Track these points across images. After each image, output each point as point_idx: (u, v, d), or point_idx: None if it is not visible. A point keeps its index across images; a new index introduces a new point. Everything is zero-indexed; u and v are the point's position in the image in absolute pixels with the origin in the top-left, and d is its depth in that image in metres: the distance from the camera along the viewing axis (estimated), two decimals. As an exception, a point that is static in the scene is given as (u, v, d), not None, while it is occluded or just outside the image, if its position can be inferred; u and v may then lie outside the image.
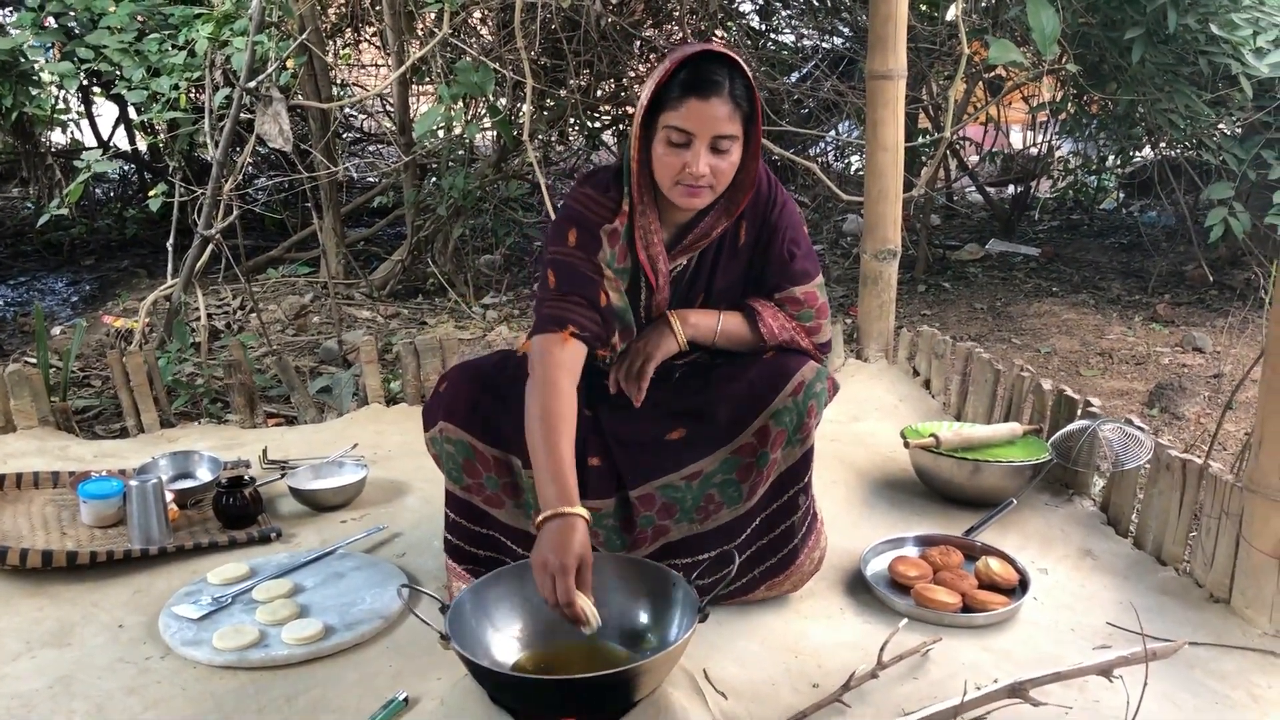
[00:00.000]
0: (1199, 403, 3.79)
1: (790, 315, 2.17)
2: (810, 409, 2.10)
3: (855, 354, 3.89)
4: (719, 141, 1.93)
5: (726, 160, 1.96)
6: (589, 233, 2.06)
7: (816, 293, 2.20)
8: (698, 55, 1.92)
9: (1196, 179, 5.26)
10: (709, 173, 1.94)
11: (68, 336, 4.60)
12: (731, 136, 1.94)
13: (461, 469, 2.14)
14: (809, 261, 2.20)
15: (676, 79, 1.91)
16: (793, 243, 2.17)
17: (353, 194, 6.77)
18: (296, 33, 4.49)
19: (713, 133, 1.92)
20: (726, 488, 2.12)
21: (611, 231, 2.07)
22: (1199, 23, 4.31)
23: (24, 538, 2.55)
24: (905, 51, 3.61)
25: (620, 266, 2.09)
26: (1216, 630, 2.16)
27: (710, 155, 1.94)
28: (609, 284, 2.07)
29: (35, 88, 4.70)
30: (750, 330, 2.16)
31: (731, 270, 2.17)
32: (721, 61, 1.92)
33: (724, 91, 1.90)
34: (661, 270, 2.11)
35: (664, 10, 5.48)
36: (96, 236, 6.70)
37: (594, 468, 2.11)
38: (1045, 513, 2.72)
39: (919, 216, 5.80)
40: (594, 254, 2.05)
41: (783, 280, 2.16)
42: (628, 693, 1.80)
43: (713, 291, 2.17)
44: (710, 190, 1.98)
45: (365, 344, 3.64)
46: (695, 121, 1.90)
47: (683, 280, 2.17)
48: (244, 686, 2.00)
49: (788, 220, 2.17)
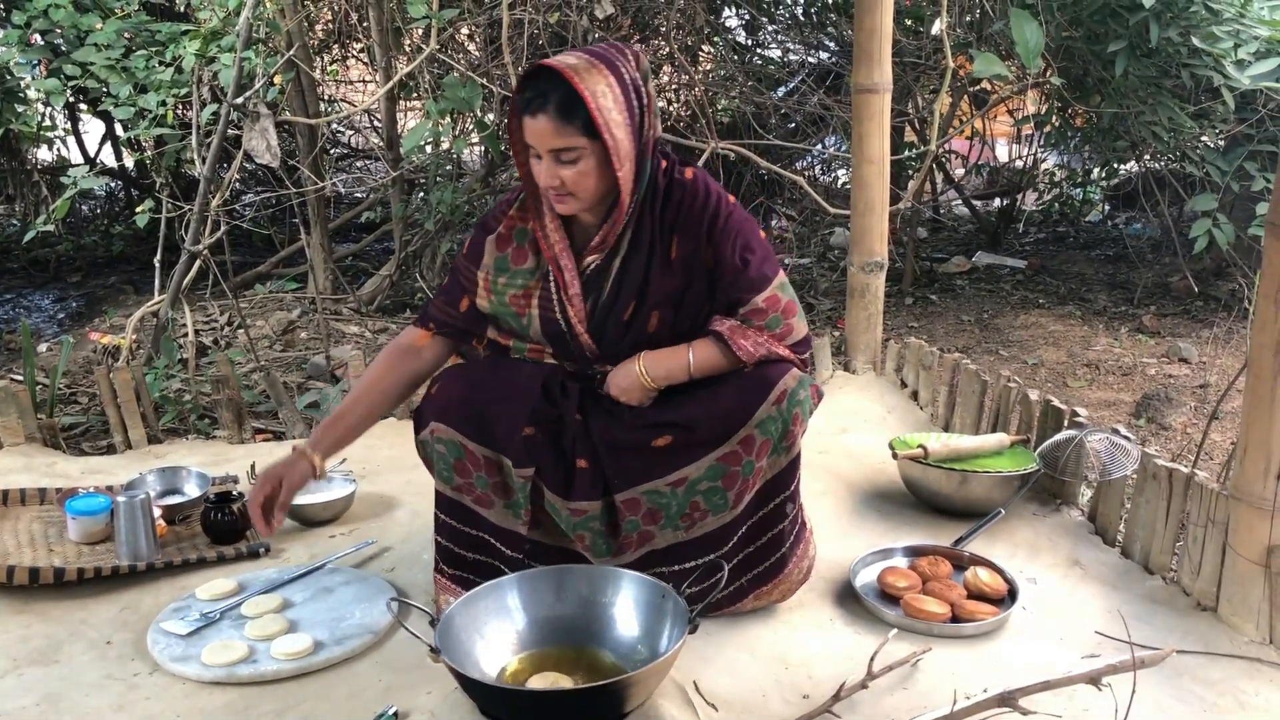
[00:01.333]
0: (1185, 412, 3.81)
1: (759, 328, 2.14)
2: (795, 417, 2.11)
3: (843, 366, 3.90)
4: (560, 154, 1.98)
5: (573, 170, 1.99)
6: (476, 244, 2.23)
7: (778, 295, 2.16)
8: (532, 72, 1.98)
9: (1181, 191, 5.29)
10: (561, 183, 2.00)
11: (54, 353, 4.58)
12: (569, 149, 1.97)
13: (452, 468, 2.15)
14: (766, 265, 2.16)
15: (520, 96, 2.00)
16: (745, 249, 2.13)
17: (340, 209, 6.76)
18: (284, 49, 4.50)
19: (546, 147, 1.98)
20: (712, 495, 2.12)
21: (497, 238, 2.18)
22: (1181, 36, 4.35)
23: (11, 554, 2.54)
24: (891, 65, 3.63)
25: (521, 267, 2.17)
26: (1204, 638, 2.17)
27: (559, 167, 1.99)
28: (480, 291, 2.20)
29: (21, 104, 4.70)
30: (725, 355, 2.13)
31: (665, 283, 2.14)
32: (549, 76, 1.95)
33: (547, 107, 1.95)
34: (566, 265, 2.14)
35: (650, 26, 5.50)
36: (83, 253, 6.68)
37: (581, 470, 2.12)
38: (1033, 522, 2.73)
39: (905, 229, 5.82)
40: (475, 263, 2.21)
41: (741, 291, 2.13)
42: (618, 704, 1.80)
43: (645, 300, 2.14)
44: (573, 198, 2.03)
45: (353, 359, 3.63)
46: (532, 138, 1.99)
47: (605, 282, 2.15)
48: (233, 702, 2.00)
49: (735, 228, 2.14)
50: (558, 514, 2.14)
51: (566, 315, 2.15)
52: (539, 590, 2.06)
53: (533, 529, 2.18)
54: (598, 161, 2.00)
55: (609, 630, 2.03)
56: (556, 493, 2.12)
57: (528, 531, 2.17)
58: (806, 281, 5.73)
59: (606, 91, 1.97)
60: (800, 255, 6.10)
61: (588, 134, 1.97)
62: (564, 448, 2.13)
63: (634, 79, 2.02)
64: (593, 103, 1.94)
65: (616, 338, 2.15)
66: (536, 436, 2.11)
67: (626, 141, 2.01)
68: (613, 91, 1.98)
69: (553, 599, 2.05)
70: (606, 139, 1.97)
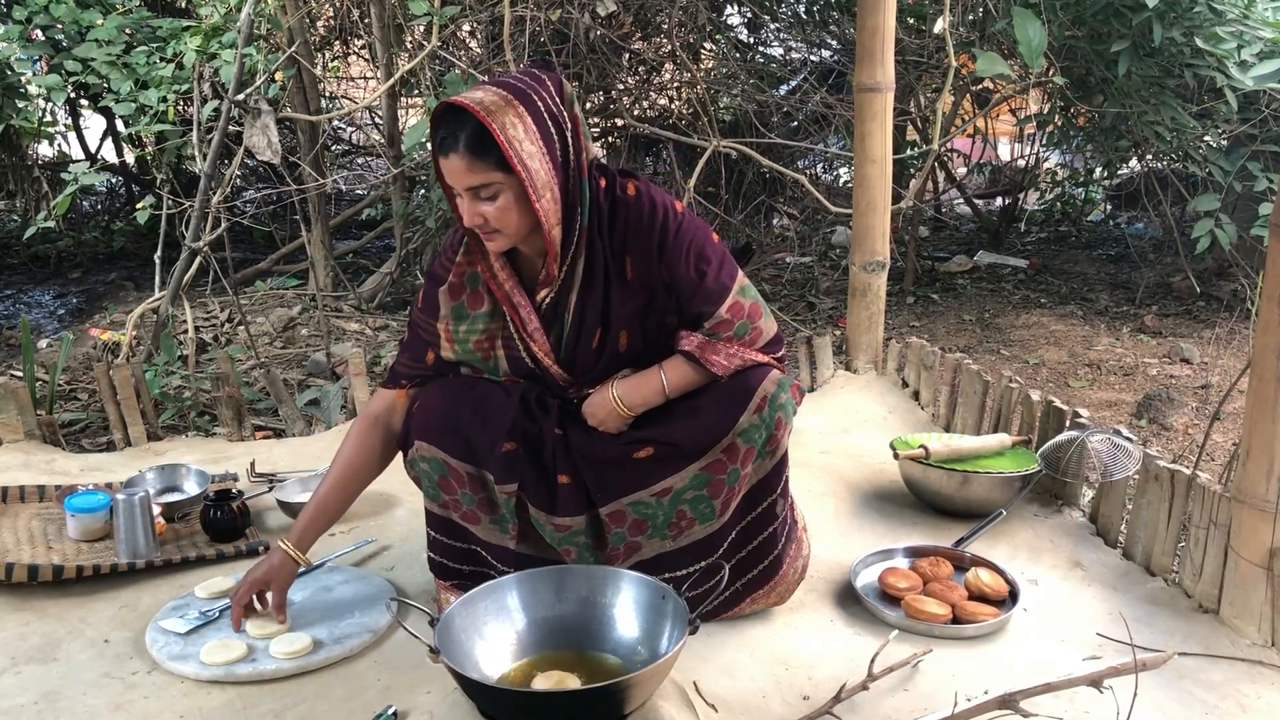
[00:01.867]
0: (1187, 413, 3.81)
1: (727, 339, 2.09)
2: (778, 422, 2.09)
3: (844, 365, 3.89)
4: (477, 191, 1.95)
5: (495, 206, 1.95)
6: (429, 297, 2.18)
7: (740, 300, 2.11)
8: (438, 112, 1.95)
9: (1183, 191, 5.28)
10: (485, 220, 1.97)
11: (54, 350, 4.57)
12: (485, 185, 1.94)
13: (438, 486, 2.15)
14: (723, 273, 2.10)
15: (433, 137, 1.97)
16: (699, 260, 2.08)
17: (341, 206, 6.75)
18: (285, 45, 4.49)
19: (463, 185, 1.95)
20: (698, 504, 2.11)
21: (449, 288, 2.14)
22: (1184, 36, 4.33)
23: (10, 552, 2.53)
24: (893, 64, 3.62)
25: (478, 311, 2.14)
26: (1205, 640, 2.17)
27: (479, 204, 1.96)
28: (443, 343, 2.17)
29: (22, 100, 4.69)
30: (698, 371, 2.10)
31: (627, 303, 2.10)
32: (458, 114, 1.91)
33: (458, 146, 1.91)
34: (520, 303, 2.10)
35: (652, 23, 5.49)
36: (84, 249, 6.68)
37: (563, 485, 2.10)
38: (1034, 523, 2.73)
39: (907, 228, 5.81)
40: (433, 316, 2.17)
41: (702, 304, 2.08)
42: (618, 705, 1.79)
43: (611, 325, 2.10)
44: (500, 234, 1.99)
45: (353, 356, 3.62)
46: (450, 177, 1.96)
47: (565, 314, 2.11)
48: (231, 701, 1.99)
49: (686, 239, 2.08)
50: (543, 529, 2.13)
51: (531, 352, 2.13)
52: (539, 591, 2.05)
53: (521, 542, 2.17)
54: (516, 195, 1.95)
55: (609, 631, 2.02)
56: (540, 508, 2.10)
57: (516, 545, 2.16)
58: (808, 280, 5.72)
59: (516, 123, 1.92)
60: (802, 254, 6.09)
61: (501, 168, 1.92)
62: (545, 463, 2.11)
63: (551, 107, 1.96)
64: (501, 135, 1.89)
65: (589, 365, 2.13)
66: (517, 452, 2.09)
67: (544, 172, 1.95)
68: (523, 122, 1.92)
69: (553, 599, 2.04)
70: (519, 171, 1.92)
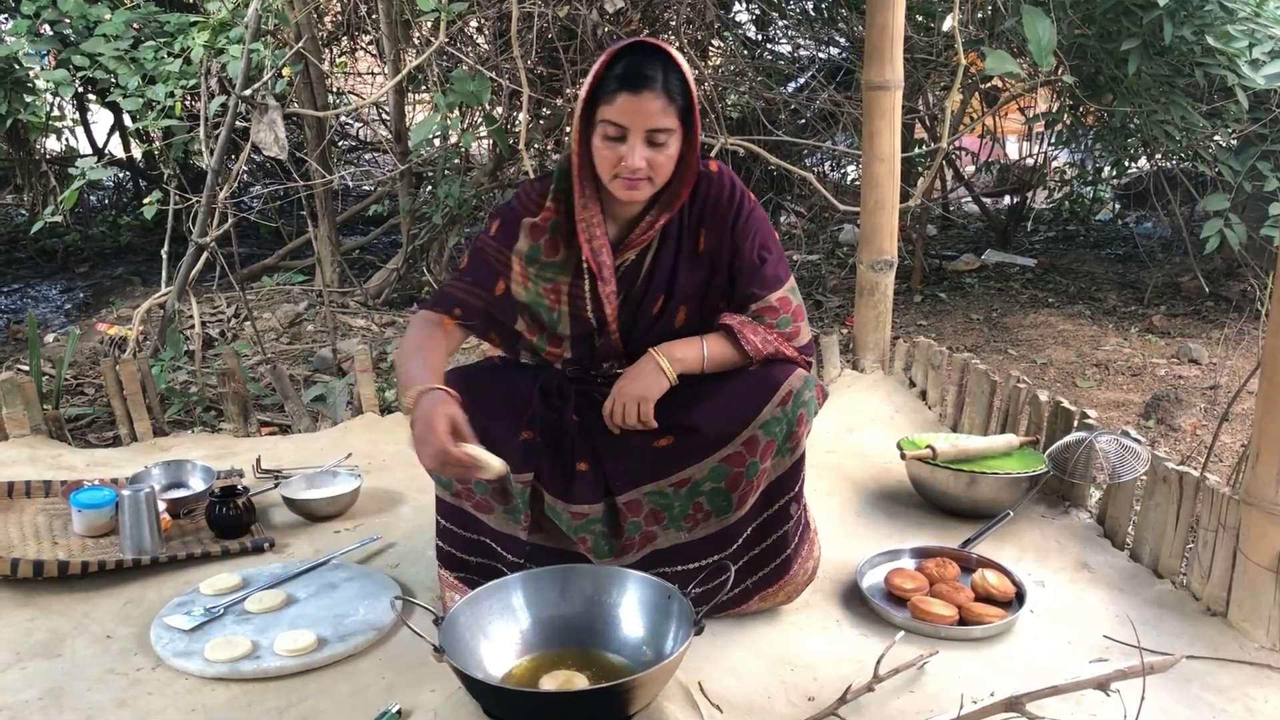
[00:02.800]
0: (1195, 414, 3.79)
1: (769, 325, 2.14)
2: (800, 418, 2.10)
3: (851, 364, 3.88)
4: (654, 135, 1.94)
5: (663, 153, 1.96)
6: (509, 225, 2.13)
7: (790, 297, 2.17)
8: (631, 47, 1.93)
9: (1192, 190, 5.26)
10: (645, 165, 1.95)
11: (61, 344, 4.58)
12: (666, 130, 1.94)
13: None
14: (780, 266, 2.18)
15: (611, 72, 1.93)
16: (763, 248, 2.15)
17: (348, 202, 6.76)
18: (292, 41, 4.49)
19: (646, 126, 1.92)
20: (715, 496, 2.11)
21: (532, 225, 2.11)
22: (1195, 34, 4.31)
23: (15, 547, 2.53)
24: (902, 62, 3.61)
25: (551, 260, 2.11)
26: (1213, 644, 2.15)
27: (646, 149, 1.94)
28: (515, 276, 2.12)
29: (30, 95, 4.68)
30: (735, 350, 2.13)
31: (693, 276, 2.14)
32: (655, 54, 1.92)
33: (656, 85, 1.91)
34: (605, 263, 2.10)
35: (660, 20, 5.48)
36: (91, 244, 6.69)
37: (581, 473, 2.10)
38: (1041, 525, 2.72)
39: (915, 227, 5.80)
40: (508, 245, 2.12)
41: (756, 288, 2.14)
42: (623, 706, 1.78)
43: (673, 295, 2.14)
44: (649, 183, 1.99)
45: (360, 353, 3.62)
46: (629, 115, 1.92)
47: (636, 278, 2.14)
48: (236, 698, 1.99)
49: (755, 225, 2.15)
50: (559, 517, 2.12)
51: (601, 313, 2.13)
52: (544, 590, 2.04)
53: (533, 533, 2.16)
54: (677, 147, 1.99)
55: (614, 631, 2.01)
56: (557, 496, 2.10)
57: (528, 536, 2.15)
58: (815, 278, 5.71)
59: (691, 75, 1.96)
60: (809, 252, 6.08)
61: (681, 117, 1.96)
62: (563, 451, 2.11)
63: None
64: (692, 85, 1.94)
65: (643, 334, 2.15)
66: (535, 440, 2.10)
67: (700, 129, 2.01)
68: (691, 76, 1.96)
69: (557, 599, 2.04)
70: (697, 123, 1.97)
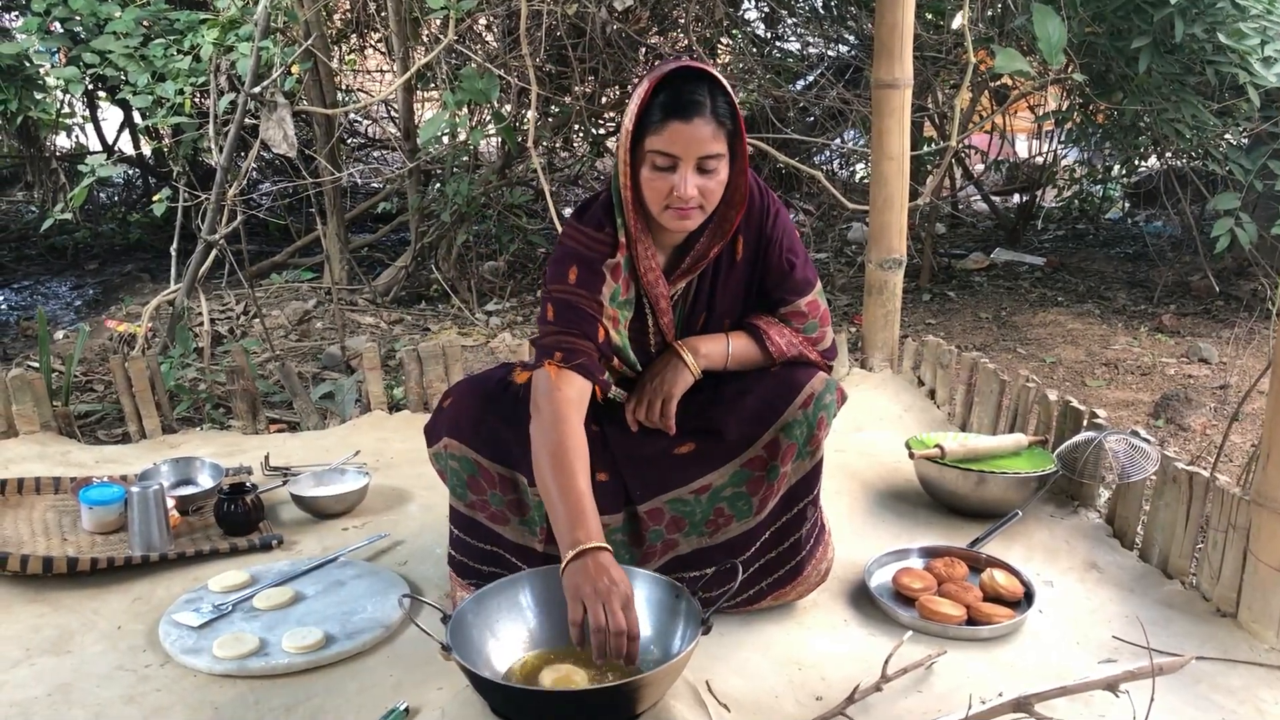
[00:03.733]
0: (1205, 414, 3.77)
1: (795, 329, 2.15)
2: (820, 421, 2.09)
3: (860, 363, 3.87)
4: (705, 162, 1.89)
5: (714, 179, 1.92)
6: (590, 269, 2.02)
7: (818, 301, 2.18)
8: (675, 74, 1.88)
9: (1203, 189, 5.24)
10: (698, 194, 1.91)
11: (70, 341, 4.59)
12: (717, 155, 1.90)
13: (466, 485, 2.13)
14: (809, 269, 2.18)
15: (656, 101, 1.88)
16: (790, 252, 2.14)
17: (357, 200, 6.77)
18: (301, 38, 4.49)
19: (698, 154, 1.88)
20: (736, 501, 2.10)
21: (614, 266, 2.04)
22: (1206, 32, 4.29)
23: (24, 543, 2.54)
24: (911, 60, 3.60)
25: (625, 298, 2.08)
26: (1223, 645, 2.15)
27: (697, 176, 1.90)
28: (608, 320, 2.05)
29: (40, 92, 4.70)
30: (759, 349, 2.13)
31: (731, 287, 2.14)
32: (700, 79, 1.88)
33: (706, 111, 1.86)
34: (662, 294, 2.08)
35: (669, 18, 5.47)
36: (100, 241, 6.70)
37: (601, 483, 2.08)
38: (1050, 525, 2.71)
39: (924, 225, 5.78)
40: (596, 291, 2.02)
41: (786, 293, 2.14)
42: (630, 705, 1.78)
43: (715, 310, 2.14)
44: (700, 211, 1.95)
45: (368, 350, 3.63)
46: (679, 144, 1.87)
47: (685, 303, 2.14)
48: (243, 695, 1.99)
49: (782, 229, 2.13)
50: None
51: (662, 340, 2.13)
52: (551, 588, 2.03)
53: (548, 544, 2.13)
54: (727, 172, 1.95)
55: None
56: None
57: (543, 547, 2.13)
58: (823, 277, 5.70)
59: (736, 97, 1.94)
60: (817, 250, 6.07)
61: (730, 140, 1.93)
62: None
63: None
64: (738, 107, 1.92)
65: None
66: None
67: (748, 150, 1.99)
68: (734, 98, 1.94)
69: (564, 598, 2.03)
70: (745, 147, 1.95)
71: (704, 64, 1.92)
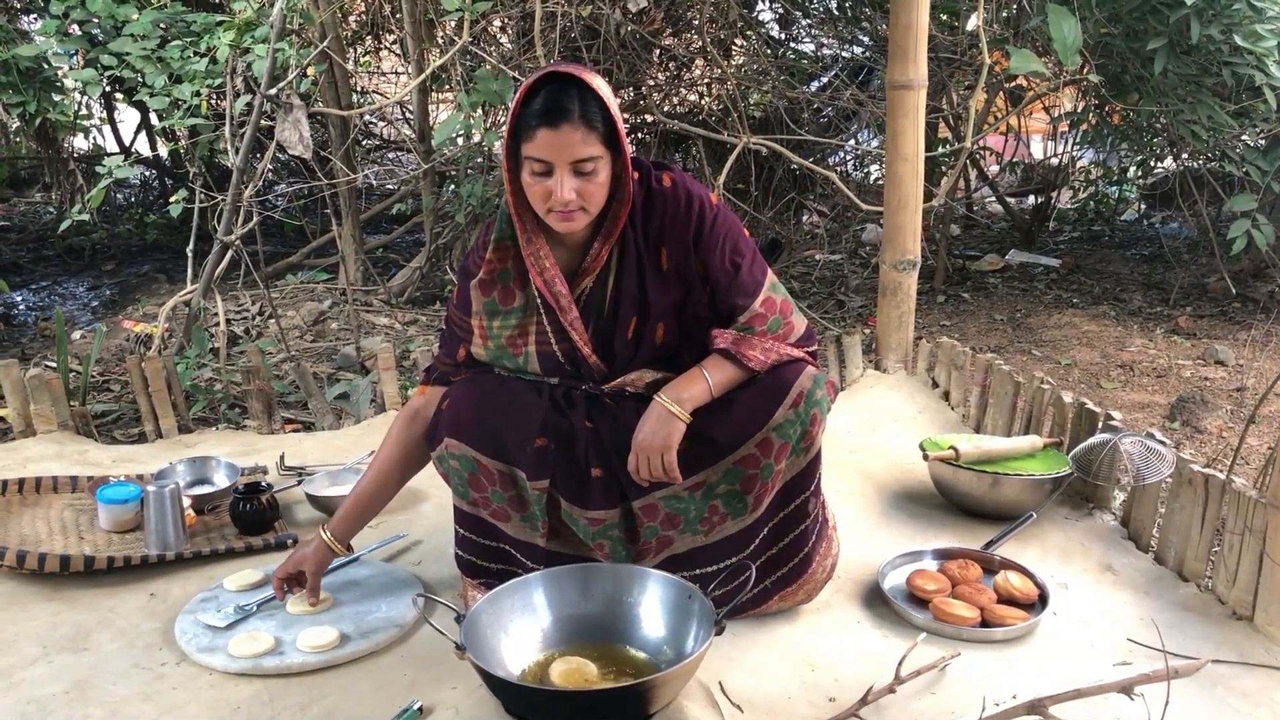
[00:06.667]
0: (1221, 416, 3.76)
1: (761, 333, 2.10)
2: (813, 418, 2.08)
3: (874, 365, 3.87)
4: (580, 165, 1.91)
5: (593, 181, 1.93)
6: (464, 290, 2.16)
7: (773, 296, 2.13)
8: (545, 79, 1.90)
9: (1219, 190, 5.22)
10: (576, 196, 1.92)
11: (88, 341, 4.62)
12: (592, 158, 1.91)
13: (467, 484, 2.14)
14: (756, 268, 2.12)
15: (529, 109, 1.90)
16: (734, 253, 2.10)
17: (372, 201, 6.80)
18: (317, 40, 4.51)
19: (570, 159, 1.90)
20: (730, 499, 2.10)
21: (480, 283, 2.12)
22: (1223, 33, 4.28)
23: (42, 542, 2.56)
24: (926, 61, 3.60)
25: (511, 307, 2.11)
26: (1239, 648, 2.14)
27: (575, 179, 1.92)
28: (476, 340, 2.16)
29: (58, 94, 4.73)
30: (739, 369, 2.08)
31: (664, 293, 2.10)
32: (570, 83, 1.89)
33: (574, 117, 1.88)
34: (561, 292, 2.08)
35: (683, 19, 5.48)
36: (117, 242, 6.74)
37: (596, 479, 2.09)
38: (1065, 527, 2.70)
39: (938, 226, 5.77)
40: (465, 310, 2.16)
41: (738, 298, 2.09)
42: (644, 705, 1.79)
43: (648, 313, 2.10)
44: (584, 212, 1.96)
45: (383, 351, 3.64)
46: (550, 150, 1.89)
47: (603, 303, 2.11)
48: (259, 694, 2.00)
49: (721, 233, 2.09)
50: (575, 523, 2.12)
51: (570, 343, 2.11)
52: (564, 588, 2.05)
53: (551, 539, 2.15)
54: (608, 172, 1.97)
55: (634, 630, 2.02)
56: (573, 502, 2.09)
57: (546, 543, 2.14)
58: (837, 278, 5.70)
59: (613, 100, 1.94)
60: (831, 251, 6.06)
61: (605, 143, 1.93)
62: (577, 457, 2.09)
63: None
64: (613, 109, 1.92)
65: (626, 354, 2.12)
66: (549, 447, 2.08)
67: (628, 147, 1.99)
68: (613, 100, 1.95)
69: (578, 597, 2.04)
70: (624, 146, 1.95)
71: (574, 68, 1.92)
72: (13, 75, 4.32)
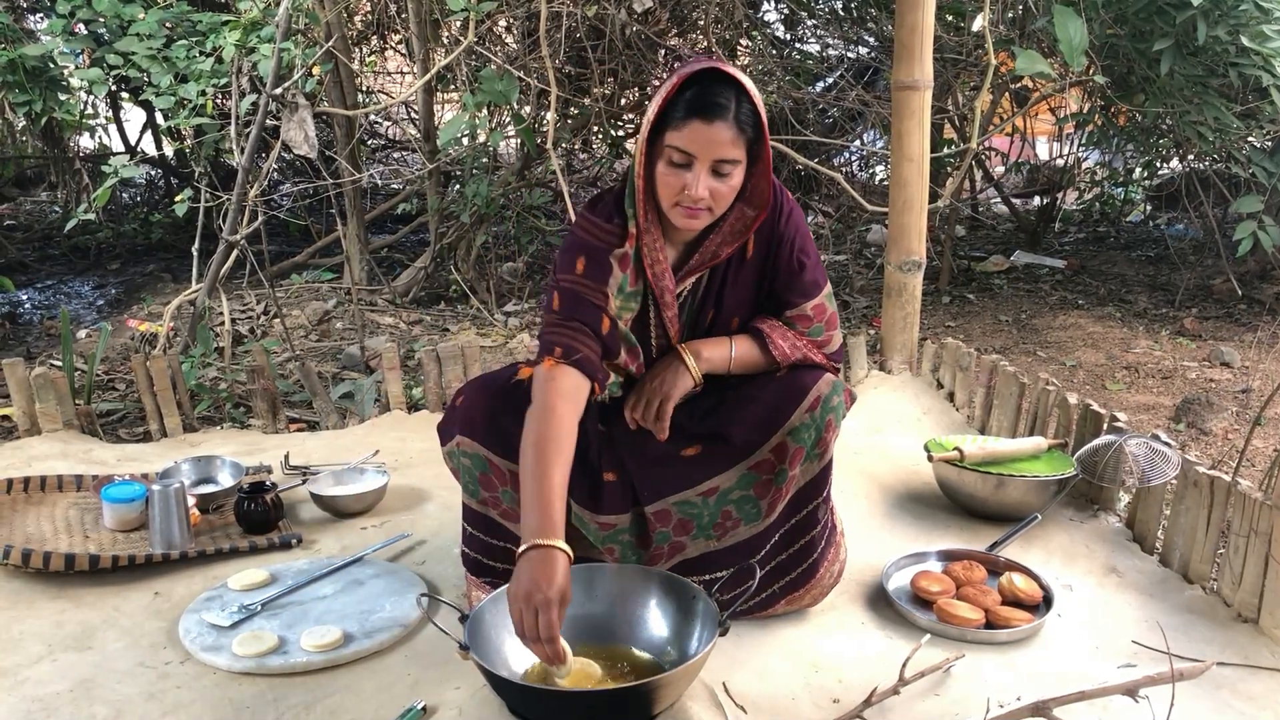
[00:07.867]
0: (1226, 418, 3.75)
1: (799, 332, 2.13)
2: (828, 424, 2.08)
3: (879, 366, 3.86)
4: (720, 165, 1.90)
5: (726, 184, 1.93)
6: (597, 260, 2.03)
7: (825, 304, 2.16)
8: (704, 74, 1.89)
9: (1225, 192, 5.21)
10: (708, 195, 1.92)
11: (93, 340, 4.63)
12: (733, 161, 1.91)
13: (478, 483, 2.13)
14: (818, 272, 2.16)
15: (682, 98, 1.89)
16: (801, 252, 2.12)
17: (377, 201, 6.80)
18: (322, 40, 4.51)
19: (714, 156, 1.89)
20: (744, 504, 2.10)
21: (622, 256, 2.05)
22: (1229, 34, 4.27)
23: (47, 540, 2.57)
24: (931, 62, 3.59)
25: (632, 289, 2.08)
26: (1244, 650, 2.13)
27: (710, 178, 1.91)
28: (614, 310, 2.05)
29: (64, 93, 4.73)
30: (762, 353, 2.12)
31: (741, 286, 2.13)
32: (728, 83, 1.89)
33: (728, 115, 1.87)
34: (668, 288, 2.08)
35: (689, 19, 5.47)
36: (123, 241, 6.75)
37: (609, 483, 2.09)
38: (1070, 528, 2.70)
39: (944, 227, 5.77)
40: (603, 282, 2.02)
41: (793, 295, 2.13)
42: (647, 706, 1.79)
43: (723, 308, 2.13)
44: (708, 213, 1.96)
45: (387, 350, 3.64)
46: (697, 144, 1.88)
47: (693, 300, 2.14)
48: (263, 693, 2.00)
49: (795, 228, 2.12)
50: (586, 527, 2.11)
51: (665, 336, 2.12)
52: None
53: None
54: (740, 178, 1.96)
55: (639, 630, 2.02)
56: (584, 506, 2.09)
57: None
58: (842, 279, 5.69)
59: (762, 105, 1.93)
60: (836, 252, 6.06)
61: (750, 146, 1.93)
62: (590, 460, 2.09)
63: None
64: (762, 116, 1.92)
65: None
66: None
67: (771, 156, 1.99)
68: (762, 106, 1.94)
69: (582, 597, 2.03)
70: (768, 154, 1.95)
71: (732, 68, 1.92)
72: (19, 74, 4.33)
